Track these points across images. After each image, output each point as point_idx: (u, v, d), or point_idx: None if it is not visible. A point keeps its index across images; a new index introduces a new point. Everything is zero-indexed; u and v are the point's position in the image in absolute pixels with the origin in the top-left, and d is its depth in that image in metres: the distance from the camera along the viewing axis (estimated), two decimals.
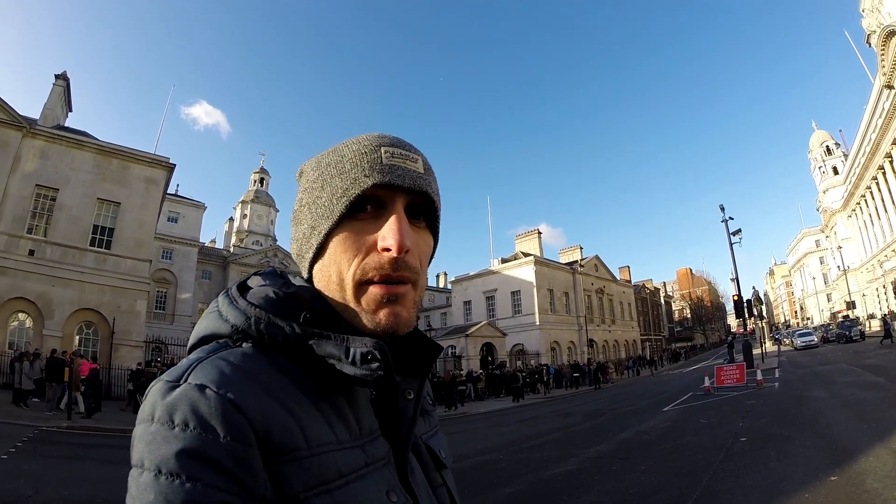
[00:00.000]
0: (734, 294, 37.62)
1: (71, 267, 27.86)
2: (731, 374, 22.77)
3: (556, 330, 57.98)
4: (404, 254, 0.81)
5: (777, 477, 7.69)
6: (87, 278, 28.27)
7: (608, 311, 71.21)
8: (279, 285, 0.89)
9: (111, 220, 30.07)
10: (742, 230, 37.16)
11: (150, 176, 31.95)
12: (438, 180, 0.95)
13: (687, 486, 7.68)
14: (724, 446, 10.38)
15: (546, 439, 14.43)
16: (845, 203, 79.47)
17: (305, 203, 0.90)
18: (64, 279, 27.41)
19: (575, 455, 11.31)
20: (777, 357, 40.56)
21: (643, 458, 10.33)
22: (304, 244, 0.89)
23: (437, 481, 0.97)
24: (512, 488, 8.74)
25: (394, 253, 0.81)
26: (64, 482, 9.07)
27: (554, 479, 9.26)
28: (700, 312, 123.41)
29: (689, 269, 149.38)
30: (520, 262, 59.71)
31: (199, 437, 0.65)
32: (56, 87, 32.48)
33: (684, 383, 30.50)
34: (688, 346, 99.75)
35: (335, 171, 0.86)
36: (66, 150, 29.41)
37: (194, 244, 55.85)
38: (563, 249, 76.66)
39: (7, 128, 27.55)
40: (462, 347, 49.63)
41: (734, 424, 13.08)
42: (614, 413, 19.74)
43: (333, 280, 0.85)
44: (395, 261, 0.82)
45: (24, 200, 27.61)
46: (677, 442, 11.83)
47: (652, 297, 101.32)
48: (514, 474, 9.88)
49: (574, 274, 63.89)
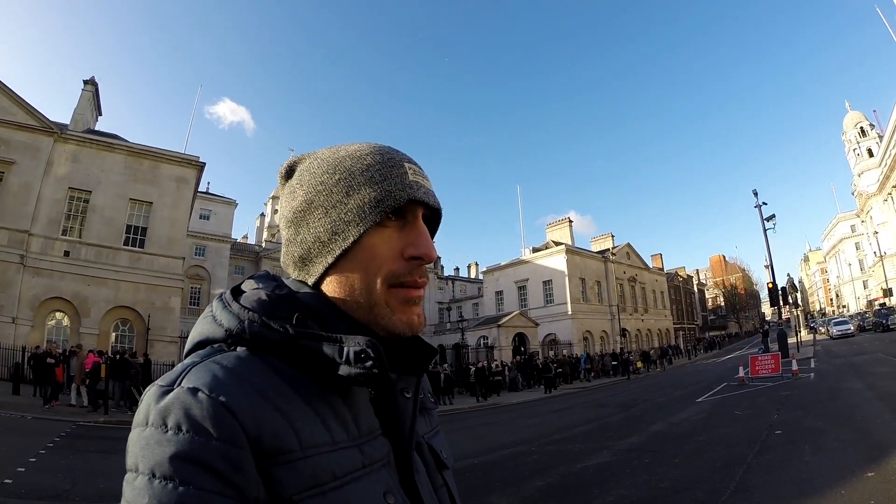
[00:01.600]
0: (768, 281, 36.97)
1: (106, 266, 28.55)
2: (767, 365, 22.40)
3: (588, 319, 57.59)
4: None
5: (812, 471, 7.58)
6: (121, 277, 28.94)
7: (640, 300, 70.55)
8: (272, 288, 0.89)
9: (144, 219, 30.76)
10: (776, 215, 36.64)
11: (180, 175, 32.60)
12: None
13: (720, 481, 7.58)
14: (758, 439, 10.23)
15: (578, 431, 14.40)
16: (881, 186, 77.49)
17: (319, 205, 0.89)
18: (99, 278, 28.13)
19: (607, 447, 11.27)
20: (812, 346, 39.92)
21: (676, 451, 10.25)
22: (319, 248, 0.89)
23: (438, 482, 0.97)
24: (543, 481, 8.72)
25: (425, 262, 0.88)
26: (100, 476, 9.25)
27: (585, 471, 9.24)
28: (734, 300, 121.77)
29: (722, 256, 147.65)
30: (551, 251, 59.52)
31: (192, 440, 0.66)
32: (85, 93, 33.44)
33: (718, 373, 30.18)
34: (722, 334, 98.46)
35: (362, 178, 0.87)
36: (98, 152, 30.18)
37: (226, 240, 56.54)
38: (595, 238, 76.13)
39: (39, 134, 28.42)
40: (494, 338, 49.72)
41: (769, 416, 12.91)
42: (647, 404, 19.67)
43: (358, 285, 0.86)
44: (423, 269, 0.88)
45: (58, 203, 28.45)
46: (711, 434, 11.71)
47: (685, 285, 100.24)
48: (546, 466, 9.87)
49: (606, 262, 63.52)
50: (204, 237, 53.54)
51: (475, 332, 52.20)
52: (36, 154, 28.06)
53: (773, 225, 36.30)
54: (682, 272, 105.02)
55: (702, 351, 70.91)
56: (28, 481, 8.56)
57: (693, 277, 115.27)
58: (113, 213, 29.73)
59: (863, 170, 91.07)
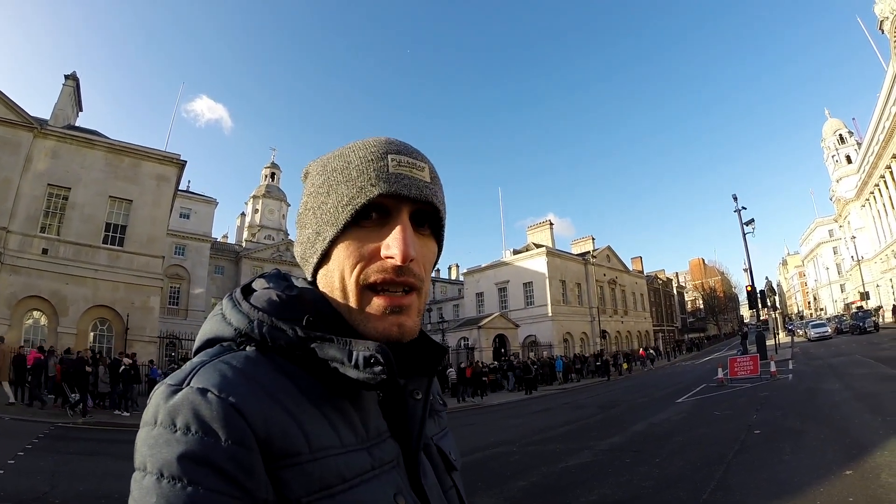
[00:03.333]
0: (747, 285, 37.38)
1: (84, 265, 28.09)
2: (745, 366, 22.62)
3: (568, 321, 57.79)
4: (409, 262, 0.82)
5: (791, 470, 7.67)
6: (100, 275, 28.48)
7: (621, 302, 70.90)
8: (282, 288, 0.89)
9: (124, 217, 30.25)
10: (755, 220, 36.90)
11: (161, 173, 32.12)
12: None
13: (701, 480, 7.67)
14: (738, 439, 10.35)
15: (559, 431, 14.46)
16: (859, 192, 78.60)
17: (310, 207, 0.90)
18: (78, 277, 27.64)
19: (588, 447, 11.33)
20: (791, 348, 40.30)
21: (657, 451, 10.31)
22: (309, 249, 0.90)
23: (447, 483, 0.97)
24: (525, 481, 8.75)
25: (397, 262, 0.81)
26: (80, 478, 9.15)
27: (567, 471, 9.27)
28: (713, 303, 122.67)
29: (701, 259, 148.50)
30: (532, 253, 59.64)
31: (201, 440, 0.66)
32: (66, 88, 32.70)
33: (697, 374, 30.48)
34: (701, 336, 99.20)
35: (341, 177, 0.86)
36: (78, 149, 29.64)
37: (207, 240, 56.08)
38: (575, 240, 76.32)
39: (18, 129, 27.79)
40: (475, 339, 49.64)
41: (748, 417, 13.06)
42: (627, 405, 19.77)
43: (337, 286, 0.86)
44: (399, 268, 0.82)
45: (37, 200, 27.86)
46: (691, 434, 11.82)
47: (664, 288, 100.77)
48: (528, 467, 9.89)
49: (586, 265, 63.74)
50: (184, 236, 53.04)
51: (456, 334, 52.10)
52: (15, 149, 27.43)
53: (752, 229, 36.59)
54: (662, 275, 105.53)
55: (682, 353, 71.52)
56: (6, 483, 8.44)
57: (673, 280, 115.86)
58: (92, 210, 29.20)
59: (841, 176, 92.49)
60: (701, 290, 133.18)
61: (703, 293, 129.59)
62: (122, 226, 30.06)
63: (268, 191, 76.09)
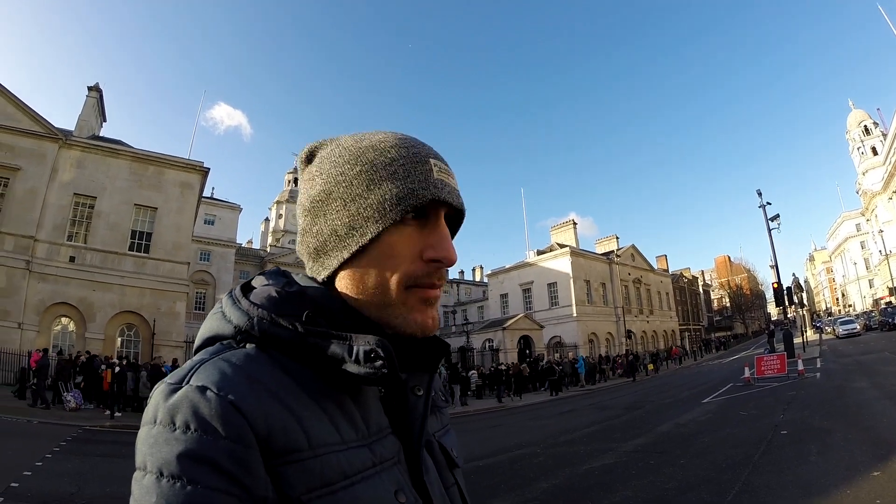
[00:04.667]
0: (773, 282, 36.74)
1: (111, 271, 28.65)
2: (772, 365, 22.37)
3: (593, 321, 57.57)
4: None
5: (818, 471, 7.56)
6: (127, 282, 29.00)
7: (646, 302, 70.46)
8: (282, 284, 0.88)
9: (149, 224, 30.87)
10: (780, 215, 36.37)
11: (184, 180, 32.67)
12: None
13: (726, 481, 7.58)
14: (764, 439, 10.21)
15: (583, 433, 14.37)
16: (885, 184, 77.09)
17: (338, 197, 0.87)
18: (104, 283, 28.21)
19: (612, 449, 11.25)
20: (818, 346, 39.85)
21: (682, 452, 10.22)
22: (336, 242, 0.87)
23: (449, 481, 0.96)
24: (548, 483, 8.73)
25: (446, 265, 0.86)
26: (106, 480, 9.27)
27: (590, 473, 9.22)
28: (739, 301, 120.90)
29: (727, 256, 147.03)
30: (555, 253, 59.57)
31: (200, 438, 0.65)
32: (89, 99, 33.55)
33: (724, 374, 30.10)
34: (728, 335, 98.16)
35: (385, 173, 0.85)
36: (102, 158, 30.36)
37: (231, 245, 56.78)
38: (599, 240, 76.29)
39: (44, 140, 28.59)
40: (499, 340, 49.58)
41: (775, 416, 12.88)
42: (653, 405, 19.63)
43: (372, 283, 0.85)
44: (441, 272, 0.86)
45: (63, 209, 28.58)
46: (717, 435, 11.70)
47: (690, 287, 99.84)
48: (551, 468, 9.86)
49: (610, 264, 63.51)
50: (209, 242, 53.72)
51: (480, 335, 52.11)
52: (41, 160, 28.19)
53: (777, 225, 36.13)
54: (688, 273, 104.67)
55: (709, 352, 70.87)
56: (34, 485, 8.61)
57: (698, 278, 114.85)
58: (118, 218, 29.83)
59: (867, 168, 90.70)
60: (727, 288, 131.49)
61: (730, 291, 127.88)
62: (148, 233, 30.68)
63: (291, 196, 76.98)
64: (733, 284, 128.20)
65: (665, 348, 63.10)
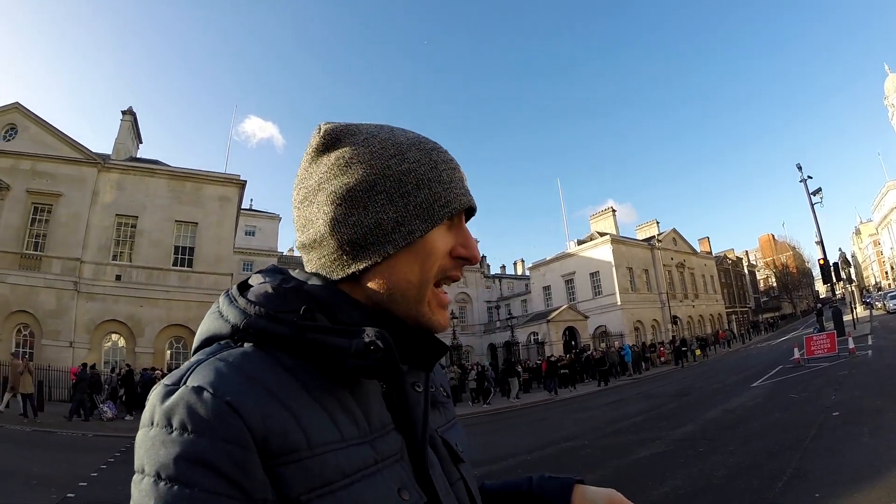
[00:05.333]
0: (819, 258, 35.93)
1: (156, 287, 29.53)
2: (822, 344, 21.86)
3: (638, 309, 57.00)
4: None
5: (870, 454, 7.40)
6: (172, 296, 29.80)
7: (690, 286, 69.39)
8: (278, 281, 0.88)
9: (190, 239, 31.75)
10: (822, 189, 35.58)
11: (222, 194, 33.49)
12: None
13: (776, 467, 7.49)
14: (815, 422, 10.03)
15: (631, 422, 14.29)
16: None
17: (383, 191, 0.85)
18: (151, 299, 29.10)
19: (660, 438, 11.19)
20: (869, 322, 38.79)
21: (730, 439, 10.11)
22: (379, 236, 0.85)
23: (454, 476, 0.94)
24: (595, 475, 8.66)
25: (471, 263, 0.91)
26: None
27: (638, 463, 9.20)
28: (786, 280, 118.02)
29: (771, 234, 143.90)
30: (596, 242, 59.16)
31: (197, 440, 0.65)
32: (124, 122, 34.86)
33: (773, 356, 29.55)
34: (776, 315, 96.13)
35: (432, 175, 0.87)
36: (141, 178, 31.44)
37: (273, 254, 57.47)
38: (639, 226, 75.30)
39: (83, 165, 29.93)
40: (544, 333, 49.39)
41: (826, 398, 12.63)
42: (701, 392, 19.41)
43: (413, 279, 0.86)
44: (462, 268, 0.91)
45: (107, 230, 29.80)
46: (766, 419, 11.54)
47: (735, 268, 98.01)
48: (598, 460, 9.88)
49: (652, 250, 62.78)
50: (250, 253, 54.51)
51: (525, 329, 52.00)
52: (82, 185, 29.44)
53: (820, 199, 35.35)
54: (731, 254, 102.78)
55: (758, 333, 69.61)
56: (90, 494, 8.97)
57: (742, 259, 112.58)
58: (160, 235, 30.81)
59: None
60: (772, 268, 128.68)
61: (776, 270, 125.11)
62: (190, 247, 31.54)
63: None
64: (779, 263, 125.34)
65: (712, 332, 62.12)
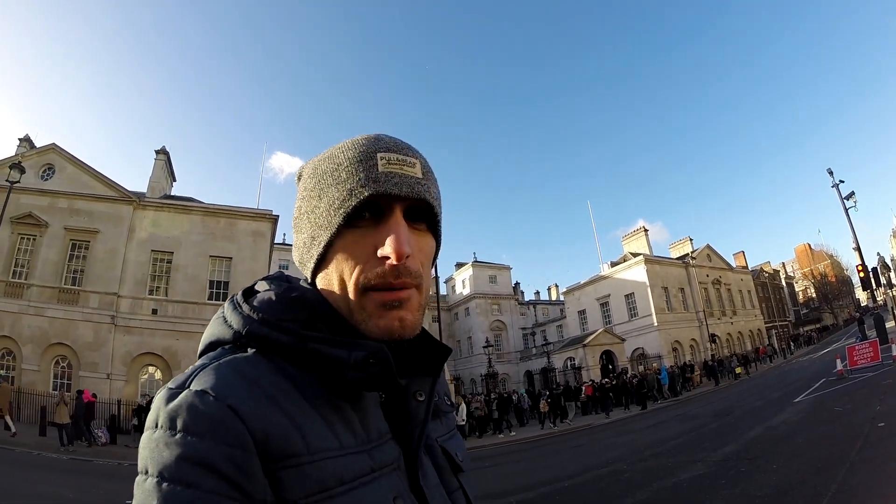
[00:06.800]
0: (858, 264, 35.08)
1: (192, 320, 30.01)
2: (865, 354, 21.40)
3: (675, 329, 55.80)
4: (404, 260, 0.82)
5: None
6: None
7: (727, 302, 68.04)
8: (283, 289, 0.90)
9: (225, 273, 32.39)
10: (856, 192, 34.71)
11: (255, 229, 34.18)
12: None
13: (821, 483, 7.28)
14: (860, 434, 9.79)
15: (671, 444, 14.02)
16: None
17: (305, 211, 0.91)
18: (187, 332, 29.53)
19: (701, 459, 10.95)
20: None
21: (773, 457, 9.87)
22: (305, 253, 0.91)
23: (452, 485, 0.95)
24: (634, 499, 8.56)
25: (393, 261, 0.81)
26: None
27: (679, 486, 8.98)
28: (825, 290, 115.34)
29: (807, 244, 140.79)
30: (629, 263, 58.45)
31: (199, 442, 0.67)
32: (158, 161, 35.96)
33: (815, 369, 28.96)
34: (817, 327, 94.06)
35: (331, 179, 0.87)
36: (176, 215, 32.41)
37: None
38: (673, 244, 74.46)
39: (119, 203, 31.15)
40: (580, 358, 48.96)
41: (871, 409, 12.34)
42: (742, 410, 19.00)
43: (336, 288, 0.86)
44: (396, 268, 0.82)
45: (143, 265, 30.78)
46: (810, 435, 11.29)
47: (772, 281, 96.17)
48: (639, 484, 9.66)
49: (687, 268, 61.66)
50: None
51: (561, 355, 51.64)
52: (118, 222, 30.60)
53: (854, 203, 34.51)
54: (768, 267, 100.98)
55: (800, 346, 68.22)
56: None
57: (779, 271, 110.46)
58: (195, 270, 31.57)
59: None
60: (811, 278, 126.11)
61: (814, 281, 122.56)
62: (225, 282, 32.15)
63: None
64: (817, 273, 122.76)
65: (752, 349, 60.94)
